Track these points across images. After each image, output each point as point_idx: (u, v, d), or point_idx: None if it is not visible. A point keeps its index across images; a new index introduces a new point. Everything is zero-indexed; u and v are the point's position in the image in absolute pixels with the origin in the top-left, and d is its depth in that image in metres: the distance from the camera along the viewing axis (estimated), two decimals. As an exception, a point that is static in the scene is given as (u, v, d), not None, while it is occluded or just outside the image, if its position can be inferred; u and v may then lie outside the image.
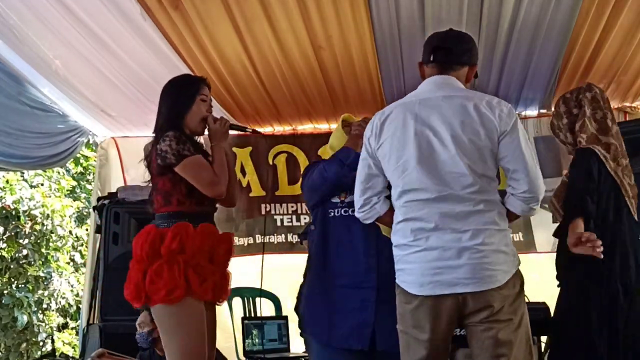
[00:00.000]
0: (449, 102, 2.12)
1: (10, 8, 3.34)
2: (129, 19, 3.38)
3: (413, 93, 2.26)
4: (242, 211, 5.13)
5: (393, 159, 2.14)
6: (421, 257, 2.05)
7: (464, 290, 2.00)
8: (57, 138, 4.61)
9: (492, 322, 2.01)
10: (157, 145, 2.47)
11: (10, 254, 6.82)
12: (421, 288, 2.05)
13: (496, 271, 2.01)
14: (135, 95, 4.35)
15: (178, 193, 2.46)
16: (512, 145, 2.07)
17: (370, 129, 2.23)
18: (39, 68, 3.98)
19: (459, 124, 2.07)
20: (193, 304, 2.37)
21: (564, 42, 3.75)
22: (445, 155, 2.06)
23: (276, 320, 4.40)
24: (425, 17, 3.49)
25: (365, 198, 2.24)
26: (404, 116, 2.15)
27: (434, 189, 2.06)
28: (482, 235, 2.01)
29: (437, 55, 2.22)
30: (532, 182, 2.07)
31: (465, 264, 1.99)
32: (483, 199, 2.05)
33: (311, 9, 3.40)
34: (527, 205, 2.10)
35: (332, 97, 4.53)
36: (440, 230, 2.03)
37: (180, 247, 2.37)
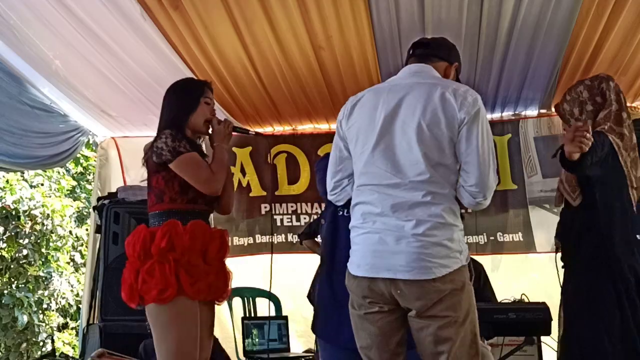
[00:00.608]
0: (417, 88, 2.13)
1: (10, 8, 3.34)
2: (129, 19, 3.38)
3: (388, 80, 2.30)
4: (242, 211, 5.14)
5: (359, 142, 2.17)
6: (365, 239, 2.09)
7: (397, 277, 2.00)
8: (59, 138, 4.62)
9: (429, 317, 2.00)
10: (153, 143, 2.48)
11: (10, 254, 6.82)
12: (359, 268, 2.09)
13: (432, 263, 1.99)
14: (135, 95, 4.35)
15: (171, 191, 2.46)
16: (469, 136, 2.04)
17: (342, 112, 2.29)
18: (39, 68, 3.98)
19: (421, 110, 2.07)
20: (185, 303, 2.36)
21: (564, 42, 3.75)
22: (403, 142, 2.07)
23: (276, 320, 4.40)
24: (425, 17, 3.49)
25: (336, 180, 2.28)
26: (374, 101, 2.18)
27: (386, 175, 2.08)
28: (424, 226, 2.00)
29: (416, 49, 2.31)
30: (481, 177, 2.04)
31: (402, 251, 2.00)
32: (432, 190, 2.03)
33: (311, 9, 3.40)
34: (473, 199, 2.08)
35: (332, 97, 4.53)
36: (386, 216, 2.05)
37: (170, 246, 2.37)
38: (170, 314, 2.36)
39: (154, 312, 2.40)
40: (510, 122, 4.92)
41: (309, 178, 5.05)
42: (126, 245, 2.48)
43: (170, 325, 2.36)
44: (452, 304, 2.01)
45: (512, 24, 3.59)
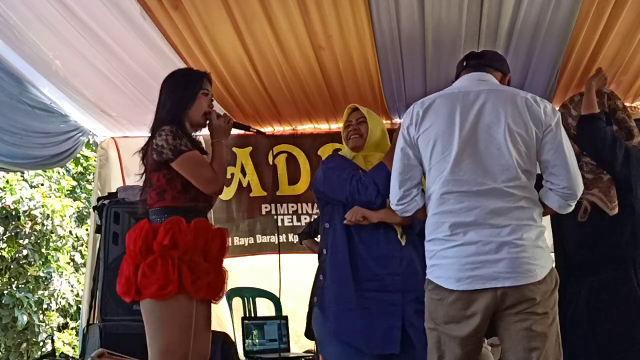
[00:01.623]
0: (495, 94, 2.11)
1: (11, 8, 3.34)
2: (129, 18, 3.38)
3: (454, 86, 2.24)
4: (242, 211, 5.14)
5: (438, 147, 2.10)
6: (459, 251, 2.02)
7: (503, 285, 1.97)
8: (60, 138, 4.61)
9: (529, 313, 1.99)
10: (152, 139, 2.44)
11: (10, 254, 6.82)
12: (458, 283, 2.01)
13: (535, 265, 2.00)
14: (135, 95, 4.35)
15: (172, 189, 2.43)
16: (555, 140, 2.07)
17: (409, 117, 2.19)
18: (39, 68, 3.98)
19: (509, 116, 2.06)
20: (183, 302, 2.34)
21: (564, 42, 3.75)
22: (493, 147, 2.05)
23: (276, 320, 4.40)
24: (425, 17, 3.49)
25: (405, 190, 2.18)
26: (450, 106, 2.12)
27: (477, 181, 2.04)
28: (521, 230, 2.00)
29: (470, 60, 2.28)
30: (572, 179, 2.07)
31: (504, 258, 1.97)
32: (524, 196, 2.04)
33: (311, 9, 3.39)
34: (564, 201, 2.10)
35: (332, 97, 4.53)
36: (479, 225, 2.01)
37: (173, 243, 2.33)
38: (167, 311, 2.32)
39: (150, 308, 2.36)
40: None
41: (310, 178, 5.05)
42: (127, 239, 2.44)
43: (167, 322, 2.33)
44: (550, 302, 2.03)
45: (512, 24, 3.59)
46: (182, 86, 2.56)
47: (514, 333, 2.01)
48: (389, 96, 4.46)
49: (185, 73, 2.71)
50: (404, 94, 4.41)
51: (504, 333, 2.06)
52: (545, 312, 2.01)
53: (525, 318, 1.99)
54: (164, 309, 2.33)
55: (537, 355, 1.98)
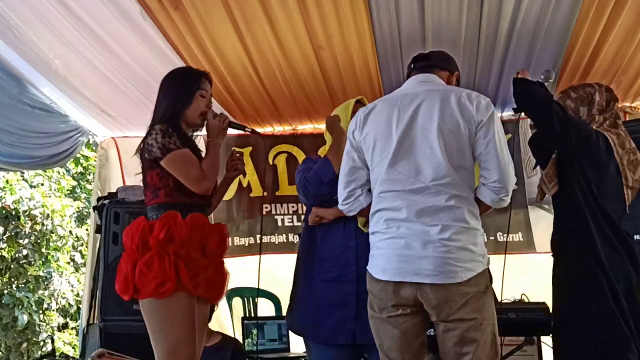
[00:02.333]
0: (431, 94, 2.19)
1: (10, 8, 3.34)
2: (129, 18, 3.38)
3: (397, 90, 2.34)
4: (242, 211, 5.14)
5: (377, 150, 2.19)
6: (390, 243, 2.11)
7: (424, 281, 2.04)
8: (59, 138, 4.62)
9: (456, 320, 2.05)
10: (145, 139, 2.45)
11: (10, 254, 6.82)
12: (384, 273, 2.11)
13: (458, 267, 2.04)
14: (135, 95, 4.35)
15: (166, 187, 2.42)
16: (487, 135, 2.12)
17: (354, 122, 2.30)
18: (39, 68, 3.98)
19: (440, 115, 2.13)
20: (183, 299, 2.31)
21: (564, 42, 3.75)
22: (425, 146, 2.12)
23: (276, 320, 4.40)
24: (426, 17, 3.49)
25: (349, 190, 2.28)
26: (389, 109, 2.21)
27: (409, 181, 2.11)
28: (450, 230, 2.05)
29: (417, 62, 2.36)
30: (503, 173, 2.11)
31: (429, 256, 2.04)
32: (455, 193, 2.09)
33: (311, 9, 3.40)
34: (497, 196, 2.14)
35: (332, 97, 4.53)
36: (411, 222, 2.08)
37: (169, 237, 2.32)
38: (168, 310, 2.30)
39: (150, 307, 2.34)
40: (510, 122, 4.91)
41: (309, 178, 5.05)
42: (124, 236, 2.43)
43: (167, 320, 2.30)
44: (477, 306, 2.07)
45: (512, 24, 3.59)
46: (179, 85, 2.55)
47: (445, 340, 2.08)
48: (389, 96, 4.46)
49: (183, 72, 2.69)
50: (404, 93, 4.41)
51: (438, 340, 2.12)
52: (472, 318, 2.05)
53: (454, 327, 2.05)
54: (164, 308, 2.31)
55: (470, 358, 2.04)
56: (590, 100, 2.64)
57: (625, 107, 4.69)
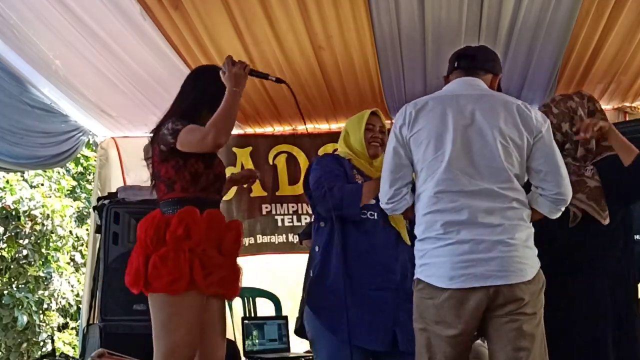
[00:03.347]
0: (488, 99, 2.15)
1: (10, 8, 3.34)
2: (129, 18, 3.38)
3: (445, 89, 2.26)
4: (242, 211, 5.14)
5: (431, 148, 2.12)
6: (452, 250, 2.03)
7: (496, 283, 1.99)
8: (60, 138, 4.62)
9: (519, 314, 2.01)
10: (158, 131, 2.41)
11: (10, 254, 6.83)
12: (451, 281, 2.02)
13: (525, 265, 2.03)
14: (135, 95, 4.36)
15: (182, 180, 2.38)
16: (546, 147, 2.11)
17: (402, 117, 2.20)
18: (39, 68, 3.98)
19: (502, 120, 2.09)
20: (194, 298, 2.28)
21: (564, 42, 3.75)
22: (486, 150, 2.07)
23: (276, 320, 4.40)
24: (425, 17, 3.49)
25: (395, 189, 2.19)
26: (443, 108, 2.15)
27: (470, 182, 2.06)
28: (513, 230, 2.03)
29: (461, 61, 2.28)
30: (564, 185, 2.10)
31: (497, 257, 2.00)
32: (515, 197, 2.07)
33: (311, 9, 3.40)
34: (555, 207, 2.13)
35: (332, 97, 4.53)
36: (472, 224, 2.03)
37: (186, 233, 2.28)
38: (178, 308, 2.26)
39: (160, 302, 2.29)
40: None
41: (310, 178, 5.05)
42: (138, 228, 2.38)
43: (176, 320, 2.26)
44: (537, 301, 2.05)
45: (512, 24, 3.59)
46: (212, 88, 2.47)
47: (504, 333, 2.03)
48: (389, 96, 4.46)
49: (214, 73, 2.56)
50: (404, 93, 4.41)
51: (493, 334, 2.07)
52: (533, 313, 2.03)
53: (515, 319, 2.01)
54: (173, 306, 2.27)
55: (526, 355, 2.00)
56: (573, 115, 2.60)
57: (625, 107, 4.69)
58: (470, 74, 2.26)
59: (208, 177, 2.42)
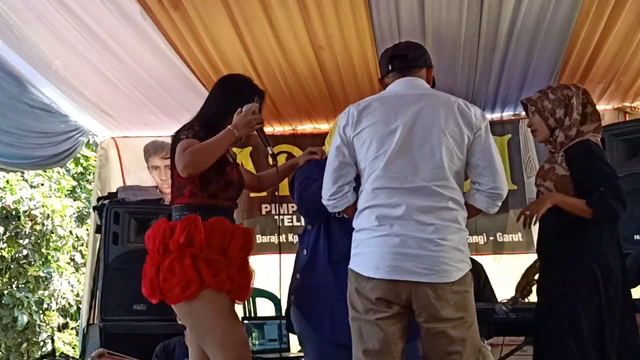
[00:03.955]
0: (430, 98, 2.21)
1: (10, 8, 3.34)
2: (129, 18, 3.38)
3: (388, 90, 2.31)
4: (242, 211, 5.13)
5: (373, 147, 2.17)
6: (383, 241, 2.09)
7: (419, 280, 2.04)
8: (59, 138, 4.62)
9: (444, 320, 2.05)
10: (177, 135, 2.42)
11: (10, 254, 6.83)
12: (377, 271, 2.08)
13: (451, 267, 2.07)
14: (135, 95, 4.36)
15: (191, 184, 2.39)
16: (484, 143, 2.16)
17: (345, 118, 2.26)
18: (39, 68, 3.98)
19: (444, 118, 2.14)
20: (212, 295, 2.29)
21: (564, 42, 3.75)
22: (426, 147, 2.12)
23: (276, 320, 4.39)
24: (425, 17, 3.49)
25: (338, 186, 2.24)
26: (386, 109, 2.20)
27: (407, 179, 2.11)
28: (445, 231, 2.07)
29: (394, 63, 2.32)
30: (500, 180, 2.16)
31: (424, 255, 2.05)
32: (451, 196, 2.12)
33: (311, 9, 3.40)
34: (492, 202, 2.18)
35: (332, 97, 4.53)
36: (406, 220, 2.08)
37: (188, 241, 2.30)
38: (202, 311, 2.29)
39: (184, 311, 2.33)
40: (510, 122, 4.93)
41: (310, 178, 5.05)
42: (146, 239, 2.41)
43: (209, 321, 2.29)
44: (464, 305, 2.09)
45: (512, 24, 3.59)
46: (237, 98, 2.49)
47: (434, 342, 2.08)
48: (389, 96, 4.46)
49: (246, 86, 2.59)
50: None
51: (423, 340, 2.12)
52: (460, 317, 2.07)
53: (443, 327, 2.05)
54: (197, 311, 2.29)
55: (457, 359, 2.05)
56: (568, 103, 2.60)
57: (625, 107, 4.70)
58: (406, 73, 2.29)
59: (218, 183, 2.43)
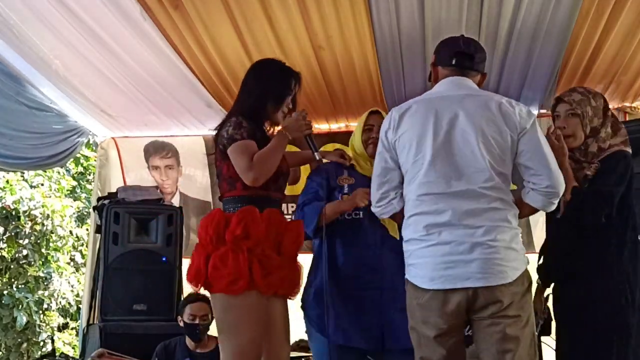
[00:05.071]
0: (471, 99, 2.16)
1: (10, 8, 3.34)
2: (129, 18, 3.38)
3: (432, 91, 2.28)
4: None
5: (413, 151, 2.14)
6: (433, 251, 2.06)
7: (475, 285, 2.01)
8: (55, 138, 4.61)
9: (501, 317, 2.03)
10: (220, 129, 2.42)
11: (10, 254, 6.83)
12: (432, 282, 2.05)
13: (506, 267, 2.03)
14: (135, 95, 4.35)
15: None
16: (532, 142, 2.12)
17: (387, 122, 2.24)
18: (39, 68, 3.98)
19: (483, 121, 2.11)
20: (255, 297, 2.27)
21: (564, 42, 3.75)
22: (467, 150, 2.09)
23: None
24: (425, 17, 3.49)
25: (382, 192, 2.22)
26: (425, 111, 2.17)
27: (451, 183, 2.08)
28: (495, 232, 2.04)
29: (459, 59, 2.26)
30: (554, 177, 2.12)
31: (477, 259, 2.01)
32: (498, 197, 2.08)
33: (311, 9, 3.40)
34: (548, 200, 2.14)
35: (332, 97, 4.53)
36: (453, 226, 2.05)
37: (245, 233, 2.27)
38: (241, 310, 2.26)
39: (221, 303, 2.30)
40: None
41: (310, 178, 5.05)
42: (199, 228, 2.39)
43: (241, 323, 2.27)
44: (522, 304, 2.07)
45: (512, 24, 3.59)
46: (273, 82, 2.50)
47: (487, 336, 2.06)
48: (389, 96, 4.46)
49: (280, 69, 2.57)
50: (404, 94, 4.41)
51: (478, 336, 2.10)
52: (517, 315, 2.04)
53: (497, 322, 2.03)
54: (237, 308, 2.27)
55: (511, 356, 2.02)
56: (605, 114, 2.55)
57: (625, 107, 4.69)
58: (465, 74, 2.26)
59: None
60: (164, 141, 5.18)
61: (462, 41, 2.32)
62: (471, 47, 2.31)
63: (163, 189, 5.02)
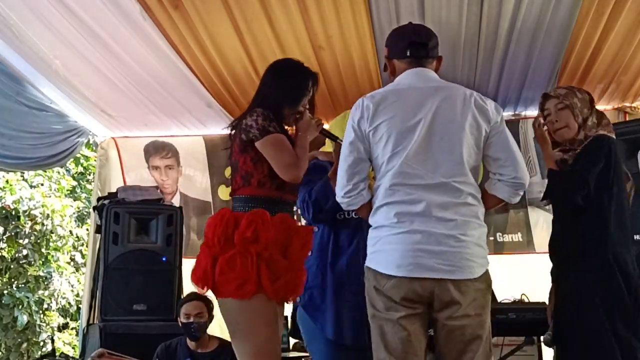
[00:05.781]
0: (444, 92, 2.16)
1: (10, 8, 3.34)
2: (129, 18, 3.38)
3: (401, 82, 2.22)
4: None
5: (391, 142, 2.11)
6: (403, 238, 2.04)
7: (444, 277, 2.00)
8: (55, 139, 4.61)
9: (462, 316, 2.02)
10: (243, 119, 2.37)
11: (10, 254, 6.83)
12: (398, 269, 2.03)
13: (474, 263, 2.04)
14: (135, 95, 4.36)
15: (260, 173, 2.32)
16: (502, 135, 2.15)
17: (359, 111, 2.18)
18: (39, 68, 3.98)
19: (461, 113, 2.11)
20: (264, 301, 2.22)
21: (564, 42, 3.75)
22: (445, 143, 2.09)
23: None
24: (425, 17, 3.49)
25: (353, 183, 2.17)
26: (404, 102, 2.14)
27: (427, 175, 2.07)
28: (466, 226, 2.05)
29: (413, 50, 2.24)
30: (521, 169, 2.14)
31: (446, 251, 2.01)
32: (470, 192, 2.09)
33: (311, 9, 3.40)
34: (514, 191, 2.15)
35: (332, 97, 4.53)
36: (426, 217, 2.04)
37: (255, 236, 2.22)
38: (250, 312, 2.21)
39: (231, 308, 2.24)
40: (510, 122, 4.91)
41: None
42: (206, 227, 2.32)
43: (251, 324, 2.22)
44: (483, 303, 2.07)
45: (512, 24, 3.59)
46: (292, 83, 2.49)
47: (448, 336, 2.05)
48: (389, 96, 4.46)
49: (302, 71, 2.57)
50: (404, 93, 4.41)
51: (439, 336, 2.08)
52: (478, 314, 2.04)
53: (461, 324, 2.03)
54: (246, 313, 2.22)
55: (471, 357, 2.02)
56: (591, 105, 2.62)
57: (625, 107, 4.69)
58: (422, 63, 2.24)
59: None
60: (164, 141, 5.18)
61: (412, 30, 2.31)
62: (423, 34, 2.28)
63: (163, 189, 5.02)
